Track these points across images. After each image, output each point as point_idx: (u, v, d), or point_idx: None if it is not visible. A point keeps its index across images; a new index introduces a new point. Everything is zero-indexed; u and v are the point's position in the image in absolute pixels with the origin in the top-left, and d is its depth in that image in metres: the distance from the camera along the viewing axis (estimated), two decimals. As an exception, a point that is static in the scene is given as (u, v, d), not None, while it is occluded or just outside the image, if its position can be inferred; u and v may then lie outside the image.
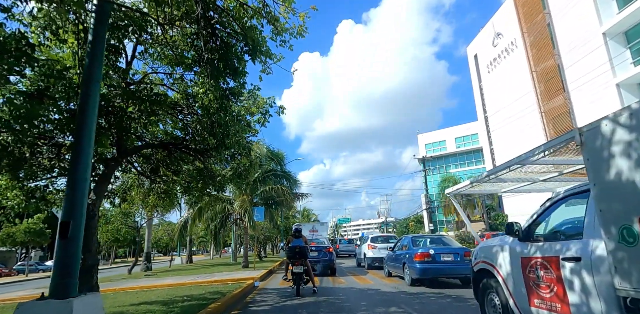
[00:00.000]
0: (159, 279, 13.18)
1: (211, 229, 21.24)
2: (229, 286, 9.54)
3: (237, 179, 7.61)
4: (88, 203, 5.17)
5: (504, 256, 4.14)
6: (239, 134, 6.54)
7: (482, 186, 5.40)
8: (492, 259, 4.42)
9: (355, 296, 7.95)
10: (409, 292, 8.28)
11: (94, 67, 3.38)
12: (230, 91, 5.56)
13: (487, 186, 5.47)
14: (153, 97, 4.47)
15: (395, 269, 10.92)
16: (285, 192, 16.80)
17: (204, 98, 5.00)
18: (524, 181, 4.83)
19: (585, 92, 25.89)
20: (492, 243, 4.54)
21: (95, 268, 5.27)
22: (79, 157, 3.25)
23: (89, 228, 5.14)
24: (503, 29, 36.92)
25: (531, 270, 3.64)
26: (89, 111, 3.34)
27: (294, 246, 8.87)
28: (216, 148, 6.17)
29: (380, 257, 14.26)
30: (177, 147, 6.76)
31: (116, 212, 18.62)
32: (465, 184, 4.92)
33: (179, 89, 5.88)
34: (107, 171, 5.45)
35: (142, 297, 8.43)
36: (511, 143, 35.11)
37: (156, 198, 8.70)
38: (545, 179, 4.70)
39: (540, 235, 3.76)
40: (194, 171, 8.11)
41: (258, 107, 6.76)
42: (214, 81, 5.01)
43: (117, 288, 11.16)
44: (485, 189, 5.61)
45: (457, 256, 9.06)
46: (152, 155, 7.81)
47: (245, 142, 7.15)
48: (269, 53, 5.09)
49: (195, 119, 5.57)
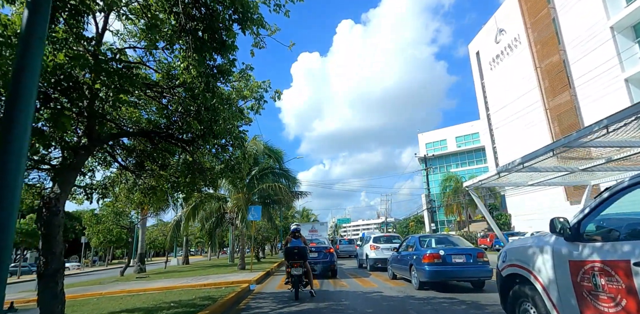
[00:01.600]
0: (149, 282, 12.45)
1: (207, 229, 20.52)
2: (222, 290, 8.81)
3: (230, 173, 6.87)
4: (50, 198, 4.45)
5: (545, 259, 3.42)
6: (229, 121, 5.82)
7: (508, 178, 4.68)
8: (527, 262, 3.69)
9: (359, 302, 7.23)
10: (418, 297, 7.56)
11: (36, 20, 2.64)
12: (217, 68, 4.83)
13: (514, 178, 4.76)
14: (123, 70, 3.74)
15: (400, 271, 10.20)
16: (283, 190, 16.06)
17: (185, 75, 4.28)
18: (559, 171, 4.12)
19: (592, 88, 25.19)
20: (527, 243, 3.82)
21: (61, 272, 4.53)
22: (12, 130, 2.50)
23: (52, 227, 4.41)
24: (506, 25, 36.24)
25: (585, 277, 2.92)
26: (26, 77, 2.59)
27: (292, 247, 8.18)
28: (203, 136, 5.44)
29: (383, 258, 13.57)
30: (160, 137, 6.03)
31: (107, 211, 17.84)
32: (490, 175, 4.21)
33: (160, 68, 5.16)
34: (75, 161, 4.72)
35: (126, 303, 7.71)
36: (514, 141, 34.43)
37: (142, 195, 7.97)
38: (586, 168, 3.99)
39: (595, 233, 3.04)
40: (182, 165, 7.39)
41: (251, 91, 6.03)
42: (197, 55, 4.28)
43: (103, 292, 10.42)
44: (511, 181, 4.90)
45: (470, 257, 8.34)
46: (135, 147, 7.09)
47: (238, 132, 6.43)
48: (261, 21, 4.38)
49: (176, 100, 4.84)
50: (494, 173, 4.12)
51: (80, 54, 3.88)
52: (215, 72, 4.91)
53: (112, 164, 7.45)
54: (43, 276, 4.45)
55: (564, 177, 4.51)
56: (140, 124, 6.15)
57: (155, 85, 4.99)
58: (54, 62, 3.82)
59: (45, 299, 4.41)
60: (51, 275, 4.46)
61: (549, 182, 4.93)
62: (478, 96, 43.14)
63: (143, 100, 5.70)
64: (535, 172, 4.13)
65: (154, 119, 6.17)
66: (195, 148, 6.48)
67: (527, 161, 3.59)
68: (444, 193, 41.83)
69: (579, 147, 3.11)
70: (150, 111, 6.11)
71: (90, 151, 4.89)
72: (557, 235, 3.29)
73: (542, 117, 30.88)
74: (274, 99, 6.27)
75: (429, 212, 37.74)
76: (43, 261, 4.46)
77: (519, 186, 5.00)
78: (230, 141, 6.48)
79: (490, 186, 4.84)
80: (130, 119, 5.91)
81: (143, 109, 6.07)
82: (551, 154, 3.19)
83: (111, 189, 7.76)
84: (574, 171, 4.08)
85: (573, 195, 28.26)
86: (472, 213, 43.08)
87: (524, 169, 4.04)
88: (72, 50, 3.86)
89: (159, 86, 4.98)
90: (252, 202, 16.61)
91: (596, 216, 3.11)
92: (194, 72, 4.31)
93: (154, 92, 5.33)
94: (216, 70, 4.91)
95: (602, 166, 3.94)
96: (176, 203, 10.66)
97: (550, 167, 4.03)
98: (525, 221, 33.87)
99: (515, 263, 3.91)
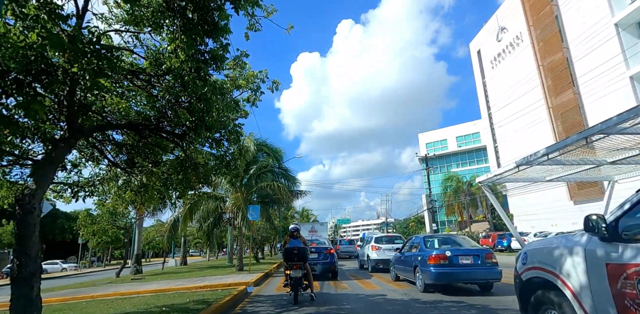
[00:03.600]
0: (144, 284, 12.04)
1: (204, 230, 20.09)
2: (218, 293, 8.40)
3: (225, 170, 6.47)
4: (24, 194, 4.05)
5: (575, 261, 3.03)
6: (223, 113, 5.43)
7: (525, 173, 4.29)
8: (553, 265, 3.30)
9: (363, 305, 6.83)
10: (424, 300, 7.17)
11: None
12: (209, 54, 4.44)
13: (532, 172, 4.36)
14: (100, 51, 3.34)
15: (404, 272, 9.81)
16: (282, 189, 15.65)
17: (173, 59, 3.89)
18: (586, 164, 3.73)
19: (596, 86, 24.81)
20: (552, 244, 3.43)
21: (37, 276, 4.13)
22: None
23: (26, 226, 4.01)
24: (508, 23, 35.88)
25: (628, 283, 2.53)
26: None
27: (291, 248, 7.77)
28: (195, 129, 5.03)
29: (385, 259, 13.18)
30: (150, 130, 5.64)
31: (103, 211, 17.42)
32: (508, 168, 3.82)
33: (148, 55, 4.76)
34: (54, 154, 4.32)
35: (116, 307, 7.31)
36: (516, 141, 34.06)
37: (133, 193, 7.57)
38: (615, 161, 3.60)
39: (637, 232, 2.65)
40: (175, 161, 7.00)
41: (247, 81, 5.63)
42: (186, 36, 3.89)
43: (94, 294, 10.01)
44: (528, 176, 4.51)
45: (477, 259, 7.95)
46: (125, 143, 6.69)
47: (233, 125, 6.03)
48: (256, 0, 3.99)
49: (164, 88, 4.44)
50: (512, 166, 3.73)
51: (54, 34, 3.48)
52: (207, 58, 4.52)
53: (100, 161, 7.06)
54: (17, 280, 4.05)
55: (587, 172, 4.12)
56: (129, 117, 5.75)
57: (142, 72, 4.59)
58: (25, 43, 3.43)
59: (19, 306, 4.01)
60: (26, 279, 4.06)
61: (568, 178, 4.54)
62: (479, 95, 42.77)
63: (131, 90, 5.29)
64: (558, 165, 3.74)
65: (143, 112, 5.77)
66: (187, 143, 6.08)
67: (552, 151, 3.20)
68: (445, 193, 41.42)
69: (617, 134, 2.72)
70: (139, 102, 5.70)
71: (71, 143, 4.49)
72: (592, 234, 2.89)
73: (544, 115, 30.50)
74: (272, 90, 5.88)
75: (429, 212, 37.33)
76: (17, 263, 4.06)
77: (535, 182, 4.61)
78: (225, 135, 6.08)
79: (504, 182, 4.44)
80: (117, 111, 5.51)
81: (131, 100, 5.66)
82: (584, 143, 2.80)
83: (100, 187, 7.36)
84: (601, 164, 3.69)
85: (577, 195, 27.88)
86: (473, 213, 42.65)
87: (547, 162, 3.65)
88: (45, 29, 3.46)
89: (146, 73, 4.58)
90: (251, 202, 16.20)
91: (638, 212, 2.71)
92: (182, 56, 3.91)
93: (141, 80, 4.93)
94: (208, 56, 4.52)
95: (634, 159, 3.55)
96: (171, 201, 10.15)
97: (576, 160, 3.65)
98: (527, 221, 33.49)
99: (538, 265, 3.52)
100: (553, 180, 4.66)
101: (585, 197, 27.06)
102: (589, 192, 26.62)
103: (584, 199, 27.29)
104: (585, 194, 27.06)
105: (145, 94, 5.50)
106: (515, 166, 3.73)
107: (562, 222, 27.88)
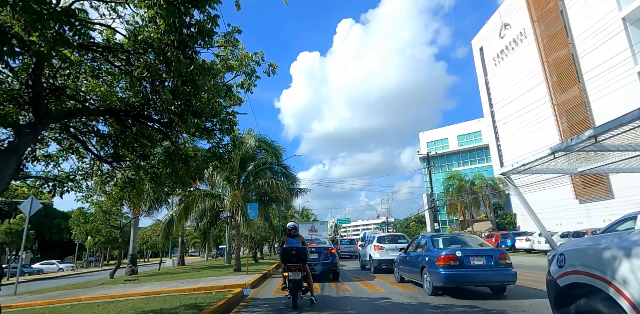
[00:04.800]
0: (137, 286, 11.50)
1: (201, 229, 19.54)
2: (212, 296, 7.86)
3: (217, 162, 5.91)
4: (-22, 185, 3.48)
5: (635, 265, 2.47)
6: (214, 98, 4.87)
7: (556, 162, 3.74)
8: (603, 269, 2.74)
9: (368, 311, 6.28)
10: (434, 304, 6.61)
11: None
12: (196, 26, 3.88)
13: (563, 162, 3.81)
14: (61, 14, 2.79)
15: (410, 274, 9.25)
16: (281, 187, 15.08)
17: (151, 28, 3.33)
18: (634, 150, 3.19)
19: (602, 82, 24.24)
20: (600, 244, 2.87)
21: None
22: None
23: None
24: (511, 19, 35.30)
25: None
26: None
27: (289, 248, 7.18)
28: (181, 115, 4.48)
29: (389, 259, 12.63)
30: (133, 117, 5.08)
31: (96, 210, 16.86)
32: (542, 156, 3.27)
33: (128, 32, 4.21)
34: (17, 141, 3.76)
35: (101, 312, 6.76)
36: (520, 139, 33.49)
37: (119, 189, 7.02)
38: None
39: None
40: (163, 154, 6.45)
41: (240, 62, 5.07)
42: (167, 3, 3.33)
43: (83, 297, 9.47)
44: (559, 166, 3.96)
45: (490, 259, 7.41)
46: (110, 134, 6.14)
47: (226, 113, 5.47)
48: (247, -40, 3.46)
49: (142, 64, 3.87)
50: (547, 153, 3.19)
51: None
52: (194, 31, 3.96)
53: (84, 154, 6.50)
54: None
55: (631, 161, 3.58)
56: (110, 102, 5.19)
57: (120, 48, 4.02)
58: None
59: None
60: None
61: (603, 169, 3.99)
62: (481, 93, 42.19)
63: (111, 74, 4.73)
64: (602, 151, 3.21)
65: (125, 97, 5.20)
66: (175, 132, 5.52)
67: (603, 132, 2.65)
68: (447, 192, 40.83)
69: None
70: (120, 86, 5.14)
71: (37, 129, 3.93)
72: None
73: (549, 113, 29.91)
74: (268, 74, 5.31)
75: (431, 211, 36.72)
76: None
77: (566, 174, 4.06)
78: (217, 124, 5.52)
79: (531, 173, 3.89)
80: (96, 96, 4.95)
81: (114, 84, 5.10)
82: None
83: (83, 182, 6.80)
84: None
85: (583, 193, 27.31)
86: (475, 213, 42.06)
87: (589, 147, 3.11)
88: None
89: (124, 50, 4.02)
90: (249, 200, 15.65)
91: None
92: (162, 25, 3.35)
93: (119, 60, 4.37)
94: (195, 30, 3.96)
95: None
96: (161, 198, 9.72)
97: (624, 145, 3.11)
98: (531, 220, 32.93)
99: (581, 269, 2.96)
100: (584, 172, 4.11)
101: (592, 195, 26.50)
102: (595, 191, 26.06)
103: (590, 197, 26.72)
104: (591, 192, 26.50)
105: (127, 78, 4.94)
106: (550, 152, 3.19)
107: (568, 222, 27.30)
